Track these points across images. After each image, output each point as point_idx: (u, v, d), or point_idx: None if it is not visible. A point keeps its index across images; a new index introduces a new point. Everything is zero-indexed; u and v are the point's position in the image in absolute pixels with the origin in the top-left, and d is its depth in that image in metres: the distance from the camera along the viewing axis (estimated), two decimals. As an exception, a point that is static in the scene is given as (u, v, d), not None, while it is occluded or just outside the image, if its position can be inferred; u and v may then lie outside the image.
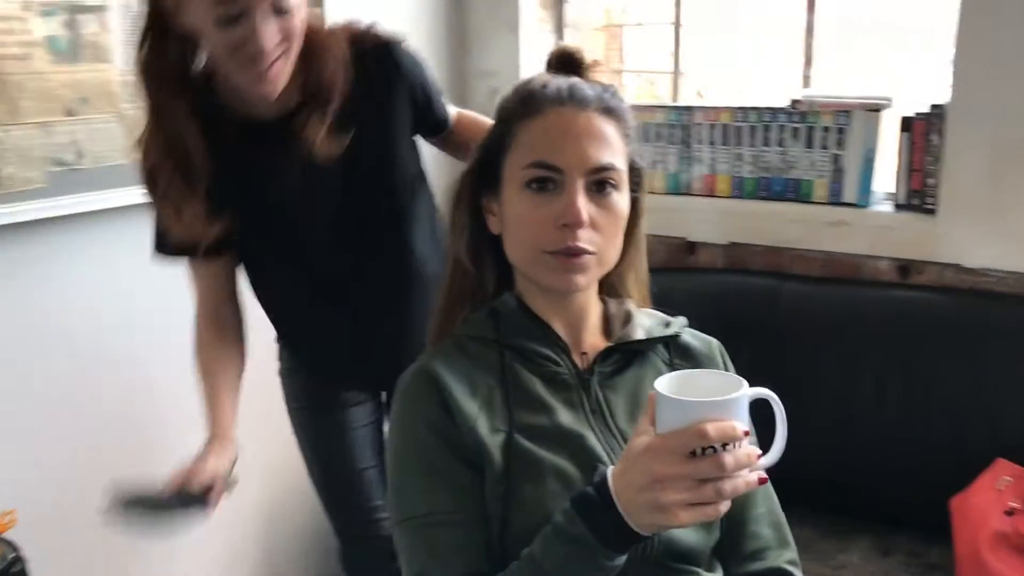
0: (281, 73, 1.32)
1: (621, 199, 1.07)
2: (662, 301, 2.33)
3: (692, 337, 1.19)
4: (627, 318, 1.16)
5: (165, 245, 1.50)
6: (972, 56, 2.05)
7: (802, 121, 2.29)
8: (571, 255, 1.04)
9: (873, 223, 2.23)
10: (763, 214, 2.37)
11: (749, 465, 0.88)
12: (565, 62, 1.11)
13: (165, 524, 1.34)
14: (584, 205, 1.02)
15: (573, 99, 1.05)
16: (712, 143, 2.42)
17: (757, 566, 1.11)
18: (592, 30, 2.84)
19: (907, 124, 2.17)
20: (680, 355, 1.17)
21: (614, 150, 1.05)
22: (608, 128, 1.06)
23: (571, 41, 2.75)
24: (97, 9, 1.75)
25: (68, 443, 1.89)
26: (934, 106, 2.12)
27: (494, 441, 1.03)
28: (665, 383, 0.92)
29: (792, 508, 2.08)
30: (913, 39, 2.37)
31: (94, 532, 1.93)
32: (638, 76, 2.97)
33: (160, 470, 1.39)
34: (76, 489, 1.88)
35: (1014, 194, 2.06)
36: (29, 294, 1.77)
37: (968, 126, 2.08)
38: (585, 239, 1.03)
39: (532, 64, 2.68)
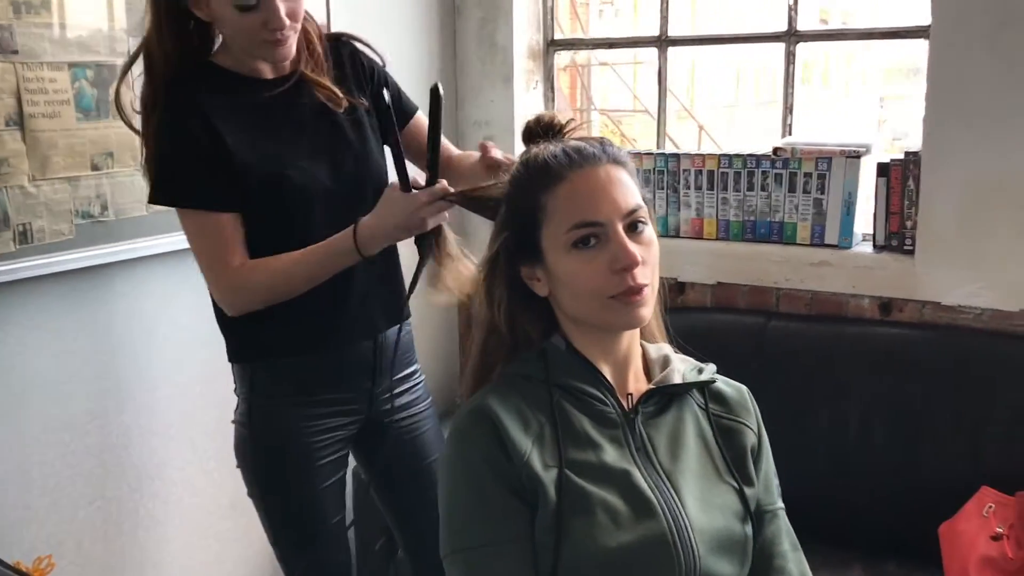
0: (293, 43, 1.57)
1: (652, 232, 1.16)
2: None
3: (724, 384, 1.27)
4: (665, 362, 1.23)
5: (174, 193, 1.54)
6: (942, 104, 2.18)
7: (784, 167, 2.41)
8: (634, 293, 1.11)
9: (854, 263, 2.34)
10: (749, 255, 2.47)
11: None
12: (546, 128, 1.21)
13: None
14: (632, 246, 1.11)
15: (584, 159, 1.14)
16: (699, 188, 2.53)
17: None
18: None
19: (884, 169, 2.29)
20: (715, 400, 1.24)
21: (634, 191, 1.15)
22: (622, 174, 1.15)
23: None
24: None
25: (96, 492, 1.93)
26: (908, 152, 2.24)
27: (548, 477, 1.10)
28: None
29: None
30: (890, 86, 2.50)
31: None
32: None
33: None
34: (103, 539, 1.94)
35: (985, 235, 2.18)
36: (58, 341, 1.81)
37: (941, 171, 2.20)
38: (641, 276, 1.11)
39: (525, 113, 2.79)
